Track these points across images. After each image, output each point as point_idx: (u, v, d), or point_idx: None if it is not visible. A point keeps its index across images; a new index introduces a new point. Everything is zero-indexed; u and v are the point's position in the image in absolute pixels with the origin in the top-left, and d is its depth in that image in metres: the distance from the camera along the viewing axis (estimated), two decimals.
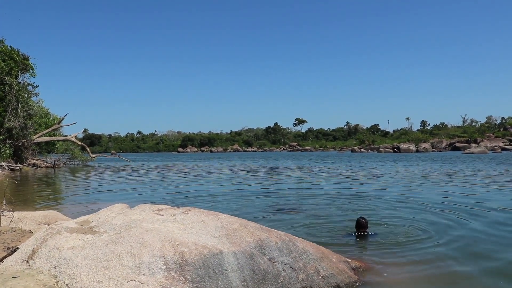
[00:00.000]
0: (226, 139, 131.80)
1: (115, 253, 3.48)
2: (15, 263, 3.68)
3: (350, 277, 4.63)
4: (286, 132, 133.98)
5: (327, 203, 10.94)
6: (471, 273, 5.03)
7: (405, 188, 14.27)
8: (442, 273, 5.05)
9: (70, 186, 18.46)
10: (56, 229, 4.02)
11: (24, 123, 30.10)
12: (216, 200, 11.92)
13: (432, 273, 5.02)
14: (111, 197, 12.98)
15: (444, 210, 9.50)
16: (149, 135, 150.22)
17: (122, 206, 5.08)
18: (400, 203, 10.63)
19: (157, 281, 3.23)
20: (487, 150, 62.99)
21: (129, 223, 4.09)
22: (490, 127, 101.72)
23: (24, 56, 31.35)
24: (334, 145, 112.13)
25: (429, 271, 5.11)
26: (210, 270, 3.50)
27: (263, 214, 9.26)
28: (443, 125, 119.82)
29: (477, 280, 4.80)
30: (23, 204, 11.02)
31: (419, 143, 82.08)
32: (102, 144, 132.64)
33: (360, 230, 6.90)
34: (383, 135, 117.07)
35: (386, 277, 4.85)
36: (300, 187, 15.49)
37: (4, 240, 5.21)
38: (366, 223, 6.96)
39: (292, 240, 4.60)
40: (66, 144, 40.52)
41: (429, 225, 7.79)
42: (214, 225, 4.23)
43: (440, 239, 6.67)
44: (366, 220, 7.07)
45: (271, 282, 3.81)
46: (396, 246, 6.26)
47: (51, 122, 40.88)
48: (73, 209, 10.22)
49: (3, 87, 28.70)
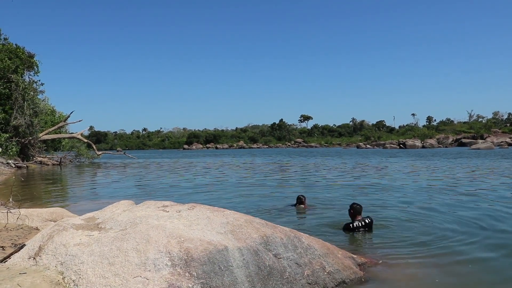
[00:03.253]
0: (231, 135, 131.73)
1: (121, 249, 3.49)
2: (22, 259, 3.70)
3: (356, 273, 4.63)
4: (291, 128, 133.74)
5: (333, 198, 10.92)
6: (480, 271, 5.01)
7: (414, 183, 14.22)
8: (449, 269, 5.03)
9: (76, 183, 18.55)
10: (63, 226, 4.04)
11: (30, 120, 30.24)
12: (220, 195, 11.94)
13: (439, 269, 5.00)
14: (116, 194, 13.03)
15: (455, 206, 9.44)
16: (155, 132, 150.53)
17: (128, 202, 5.09)
18: (408, 199, 10.60)
19: (162, 277, 3.23)
20: (494, 145, 62.61)
21: (134, 219, 4.11)
22: (496, 122, 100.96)
23: (29, 53, 31.48)
24: (340, 141, 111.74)
25: (436, 267, 5.09)
26: (216, 266, 3.51)
27: (268, 210, 9.27)
28: (449, 121, 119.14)
29: (483, 278, 4.78)
30: (30, 202, 11.08)
31: (425, 139, 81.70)
32: (108, 142, 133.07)
33: (356, 219, 6.86)
34: (388, 131, 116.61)
35: (392, 273, 4.84)
36: (305, 182, 15.48)
37: (11, 237, 5.24)
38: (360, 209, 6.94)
39: (297, 236, 4.59)
40: (72, 142, 40.74)
41: (438, 221, 7.76)
42: (219, 221, 4.23)
43: (449, 236, 6.64)
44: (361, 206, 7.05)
45: (276, 278, 3.81)
46: (402, 242, 6.25)
47: (57, 120, 41.04)
48: (79, 206, 10.27)
49: (9, 85, 28.83)
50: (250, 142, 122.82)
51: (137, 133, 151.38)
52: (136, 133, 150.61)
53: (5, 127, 28.68)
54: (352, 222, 6.89)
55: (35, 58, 31.88)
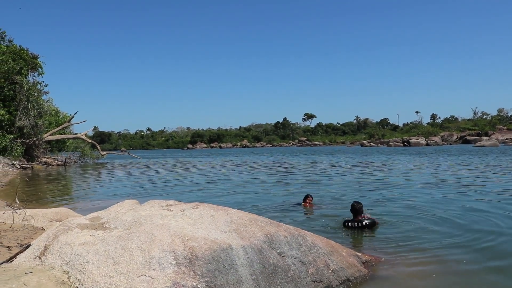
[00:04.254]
0: (235, 135, 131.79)
1: (125, 248, 3.50)
2: (28, 259, 3.73)
3: (360, 271, 4.63)
4: (295, 127, 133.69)
5: (337, 196, 10.91)
6: (482, 269, 4.99)
7: (419, 180, 14.19)
8: (453, 267, 5.01)
9: (80, 183, 18.62)
10: (68, 226, 4.06)
11: (34, 121, 30.34)
12: (224, 194, 11.95)
13: (443, 268, 4.99)
14: (120, 193, 13.07)
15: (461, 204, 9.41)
16: (159, 132, 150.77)
17: (132, 202, 5.11)
18: (413, 196, 10.58)
19: (167, 276, 3.24)
20: (499, 143, 62.35)
21: (139, 219, 4.12)
22: (501, 119, 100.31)
23: (33, 55, 31.58)
24: (344, 139, 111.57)
25: (440, 265, 5.08)
26: (220, 265, 3.51)
27: (273, 208, 9.27)
28: (454, 118, 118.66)
29: (487, 276, 4.76)
30: (35, 202, 11.14)
31: (429, 136, 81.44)
32: (112, 142, 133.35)
33: (357, 218, 6.86)
34: (392, 129, 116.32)
35: (396, 271, 4.84)
36: (309, 181, 15.47)
37: (17, 237, 5.27)
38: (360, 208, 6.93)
39: (301, 234, 4.59)
40: (77, 142, 40.84)
41: (441, 219, 7.74)
42: (223, 220, 4.24)
43: (453, 233, 6.63)
44: (361, 204, 7.04)
45: (281, 276, 3.82)
46: (406, 239, 6.24)
47: (61, 121, 41.18)
48: (83, 206, 10.31)
49: (13, 87, 28.94)
50: (254, 141, 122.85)
51: (141, 133, 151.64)
52: (140, 133, 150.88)
53: (10, 128, 28.81)
54: (349, 221, 6.93)
55: (39, 59, 32.00)
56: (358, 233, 6.70)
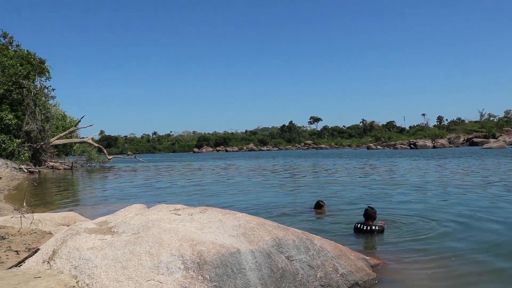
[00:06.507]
0: (241, 138, 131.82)
1: (133, 253, 3.50)
2: (37, 263, 3.73)
3: (369, 275, 4.60)
4: (301, 130, 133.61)
5: (348, 200, 10.86)
6: (494, 272, 4.95)
7: (428, 183, 14.11)
8: (462, 270, 4.97)
9: (88, 187, 18.69)
10: (76, 230, 4.06)
11: (42, 126, 30.52)
12: (232, 198, 11.94)
13: (452, 271, 4.95)
14: (128, 197, 13.10)
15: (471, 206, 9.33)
16: (165, 136, 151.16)
17: (140, 206, 5.11)
18: (422, 199, 10.52)
19: (175, 281, 3.24)
20: (506, 145, 61.91)
21: (147, 223, 4.12)
22: (508, 121, 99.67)
23: (40, 59, 31.81)
24: (350, 142, 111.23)
25: (449, 268, 5.04)
26: (228, 269, 3.50)
27: (280, 212, 9.24)
28: (460, 120, 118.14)
29: (498, 279, 4.72)
30: (43, 206, 11.18)
31: (436, 139, 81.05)
32: (118, 146, 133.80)
33: (367, 222, 6.86)
34: (399, 131, 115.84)
35: (405, 274, 4.81)
36: (316, 184, 15.43)
37: (25, 241, 5.29)
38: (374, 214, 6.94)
39: (309, 238, 4.58)
40: (83, 146, 41.00)
41: (452, 222, 7.68)
42: (231, 224, 4.23)
43: (464, 237, 6.57)
44: (375, 210, 7.04)
45: (289, 280, 3.80)
46: (415, 242, 6.20)
47: (68, 125, 41.36)
48: (91, 210, 10.33)
49: (21, 91, 29.14)
50: (260, 144, 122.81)
51: (147, 137, 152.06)
52: (146, 137, 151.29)
53: (17, 132, 29.00)
54: (360, 223, 6.93)
55: (46, 64, 32.22)
56: (366, 236, 6.67)
